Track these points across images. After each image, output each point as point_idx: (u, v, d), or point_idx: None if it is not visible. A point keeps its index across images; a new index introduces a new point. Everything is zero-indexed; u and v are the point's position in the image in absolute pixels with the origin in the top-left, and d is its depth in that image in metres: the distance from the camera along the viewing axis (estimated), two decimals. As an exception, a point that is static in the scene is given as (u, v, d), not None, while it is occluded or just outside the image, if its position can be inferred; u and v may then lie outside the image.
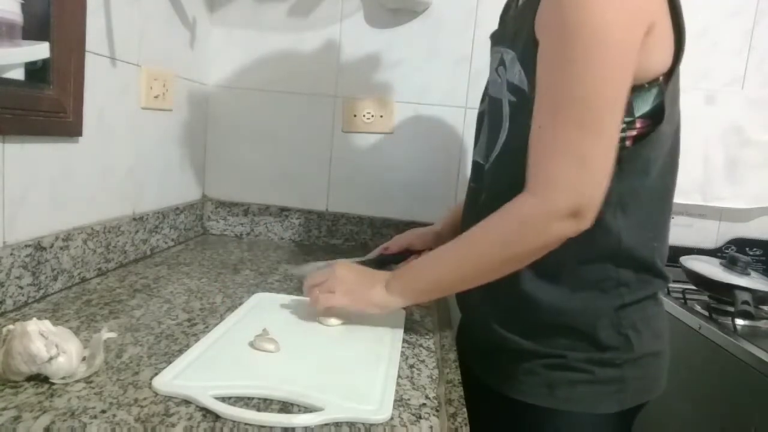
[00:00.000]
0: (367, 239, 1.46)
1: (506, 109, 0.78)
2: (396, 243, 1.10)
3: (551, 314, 0.75)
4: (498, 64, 0.81)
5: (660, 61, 0.70)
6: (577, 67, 0.64)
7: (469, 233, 0.75)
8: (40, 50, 0.82)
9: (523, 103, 0.74)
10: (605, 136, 0.66)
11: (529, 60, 0.72)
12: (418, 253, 1.06)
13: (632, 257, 0.75)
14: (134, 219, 1.11)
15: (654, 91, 0.70)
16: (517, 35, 0.76)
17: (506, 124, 0.78)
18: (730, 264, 1.30)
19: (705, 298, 1.31)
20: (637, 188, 0.73)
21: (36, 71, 0.82)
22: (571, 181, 0.66)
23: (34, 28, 0.80)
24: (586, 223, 0.67)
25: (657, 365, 0.80)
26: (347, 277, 0.83)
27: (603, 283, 0.75)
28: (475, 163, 0.91)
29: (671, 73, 0.71)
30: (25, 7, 0.78)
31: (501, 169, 0.80)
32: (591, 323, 0.75)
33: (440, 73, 1.41)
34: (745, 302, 1.18)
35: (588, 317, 0.75)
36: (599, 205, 0.67)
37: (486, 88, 0.90)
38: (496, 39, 0.86)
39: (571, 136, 0.65)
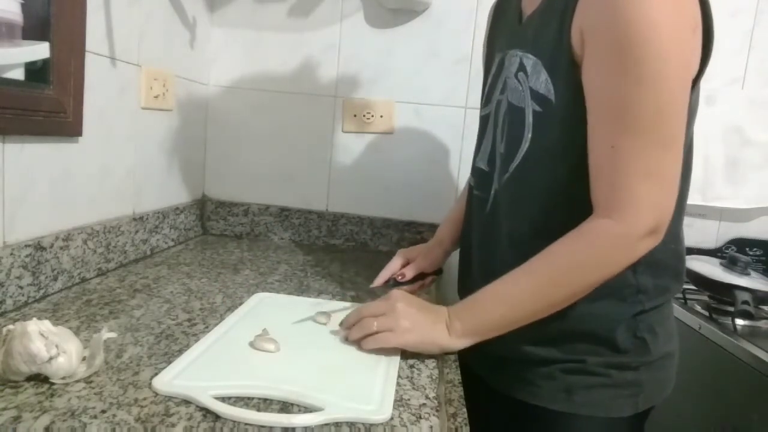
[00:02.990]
0: (367, 239, 1.46)
1: (529, 119, 0.75)
2: (409, 270, 0.97)
3: (571, 323, 0.74)
4: (518, 69, 0.77)
5: (694, 66, 0.70)
6: (648, 86, 0.63)
7: (541, 263, 0.70)
8: (40, 50, 0.82)
9: (549, 112, 0.72)
10: (677, 149, 0.66)
11: (558, 68, 0.71)
12: (430, 275, 1.00)
13: (650, 262, 0.74)
14: (134, 219, 1.11)
15: None
16: (538, 40, 0.74)
17: (528, 135, 0.75)
18: (730, 264, 1.30)
19: (705, 298, 1.31)
20: None
21: (36, 71, 0.82)
22: (654, 201, 0.66)
23: (34, 28, 0.80)
24: (661, 237, 0.68)
25: (671, 366, 0.80)
26: (409, 312, 0.74)
27: (622, 291, 0.74)
28: (479, 170, 0.88)
29: (698, 77, 0.71)
30: (25, 7, 0.78)
31: (521, 179, 0.77)
32: (610, 329, 0.74)
33: (440, 73, 1.41)
34: (745, 302, 1.18)
35: (607, 323, 0.74)
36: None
37: (491, 92, 0.86)
38: (507, 42, 0.82)
39: (650, 156, 0.65)
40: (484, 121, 0.89)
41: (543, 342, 0.76)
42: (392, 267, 0.98)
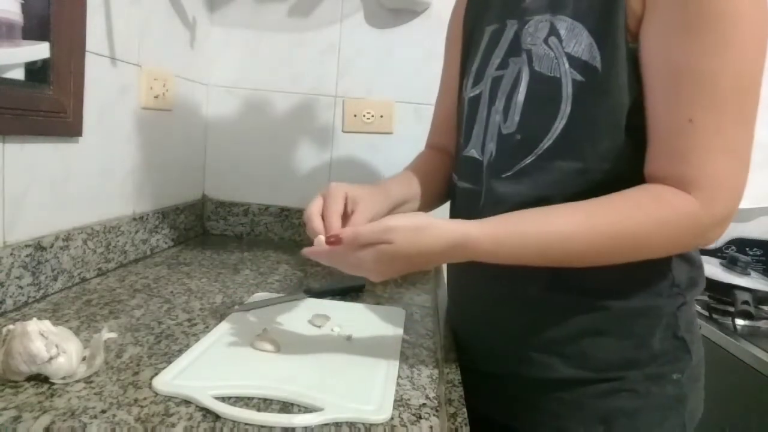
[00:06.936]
0: (367, 239, 1.46)
1: (568, 90, 0.65)
2: (358, 216, 0.77)
3: (604, 324, 0.67)
4: (548, 35, 0.67)
5: None
6: (728, 52, 0.57)
7: (607, 216, 0.60)
8: (40, 50, 0.82)
9: (595, 82, 0.63)
10: (753, 127, 0.60)
11: (607, 32, 0.62)
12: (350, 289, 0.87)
13: (685, 253, 0.69)
14: (134, 219, 1.11)
15: None
16: (577, 1, 0.65)
17: (566, 108, 0.65)
18: (730, 264, 1.31)
19: (705, 298, 1.31)
20: None
21: (36, 71, 0.82)
22: (734, 183, 0.60)
23: (34, 28, 0.80)
24: (727, 227, 0.62)
25: (703, 374, 0.73)
26: (398, 266, 0.63)
27: (658, 285, 0.68)
28: (469, 160, 0.77)
29: None
30: (25, 7, 0.78)
31: (555, 161, 0.66)
32: (652, 327, 0.67)
33: (440, 73, 1.41)
34: (745, 302, 1.18)
35: (649, 320, 0.67)
36: None
37: (482, 68, 0.77)
38: (511, 10, 0.73)
39: (732, 133, 0.59)
40: (473, 102, 0.77)
41: (573, 357, 0.67)
42: (336, 210, 0.77)
